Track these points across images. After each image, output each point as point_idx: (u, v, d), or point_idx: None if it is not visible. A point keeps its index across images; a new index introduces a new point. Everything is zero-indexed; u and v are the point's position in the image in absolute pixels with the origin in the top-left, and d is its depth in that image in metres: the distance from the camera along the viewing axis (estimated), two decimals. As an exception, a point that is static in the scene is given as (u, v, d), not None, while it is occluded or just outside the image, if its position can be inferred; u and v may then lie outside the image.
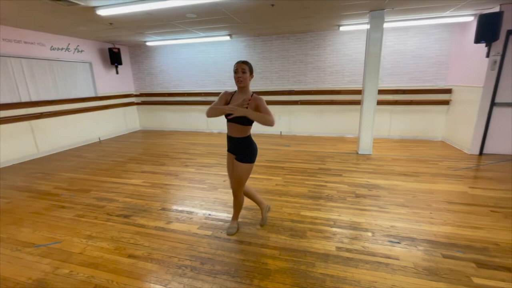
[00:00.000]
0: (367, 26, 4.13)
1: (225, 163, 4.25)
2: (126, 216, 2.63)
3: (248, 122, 1.99)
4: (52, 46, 5.07)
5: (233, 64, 1.99)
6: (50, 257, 2.03)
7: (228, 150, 2.21)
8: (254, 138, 2.14)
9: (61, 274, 1.84)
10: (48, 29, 4.73)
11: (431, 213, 2.54)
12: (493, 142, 4.28)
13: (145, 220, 2.55)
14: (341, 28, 5.01)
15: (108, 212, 2.74)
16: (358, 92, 5.05)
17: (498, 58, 3.91)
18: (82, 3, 3.26)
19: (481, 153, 4.33)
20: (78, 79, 5.69)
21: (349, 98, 5.64)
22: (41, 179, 3.73)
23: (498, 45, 3.86)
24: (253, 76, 2.04)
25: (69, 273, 1.85)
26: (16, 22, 4.13)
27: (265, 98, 2.07)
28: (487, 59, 3.96)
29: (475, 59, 4.24)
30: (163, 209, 2.77)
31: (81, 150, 5.36)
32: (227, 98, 2.08)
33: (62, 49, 5.27)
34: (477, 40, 3.89)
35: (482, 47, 4.00)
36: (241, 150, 2.08)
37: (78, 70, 5.68)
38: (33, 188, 3.42)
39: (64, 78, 5.38)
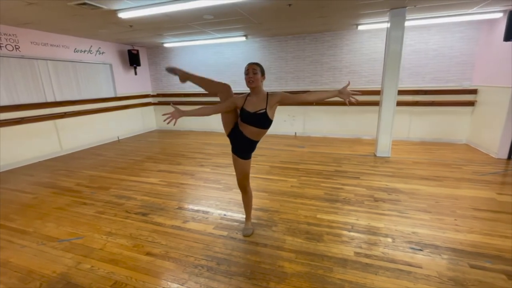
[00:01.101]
0: (387, 25, 4.01)
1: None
2: (144, 214, 2.69)
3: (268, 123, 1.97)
4: (75, 49, 5.29)
5: (245, 67, 1.96)
6: (72, 252, 2.11)
7: (238, 153, 2.13)
8: (269, 139, 2.13)
9: (83, 269, 1.90)
10: (72, 32, 4.93)
11: (456, 219, 2.42)
12: (523, 145, 4.03)
13: (162, 219, 2.59)
14: (360, 27, 4.89)
15: (126, 209, 2.81)
16: (376, 92, 4.90)
17: (530, 57, 3.67)
18: (105, 7, 3.37)
19: (509, 157, 4.09)
20: (99, 80, 5.90)
21: (366, 98, 5.49)
22: (64, 176, 3.89)
23: (530, 43, 3.63)
24: (264, 77, 1.99)
25: (91, 268, 1.91)
26: (43, 26, 4.33)
27: None
28: (517, 57, 3.74)
29: (504, 58, 4.00)
30: (180, 208, 2.81)
31: (101, 148, 5.54)
32: (239, 102, 1.99)
33: (84, 51, 5.49)
34: (507, 38, 3.67)
35: (512, 45, 3.78)
36: (252, 149, 2.12)
37: (99, 71, 5.89)
38: (57, 185, 3.57)
39: (86, 79, 5.59)
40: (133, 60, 6.41)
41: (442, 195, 2.91)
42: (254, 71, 1.89)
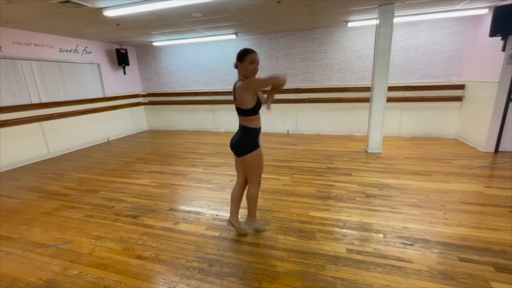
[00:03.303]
0: (376, 22, 4.03)
1: (232, 163, 4.24)
2: (134, 217, 2.64)
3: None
4: (61, 48, 5.14)
5: (246, 54, 1.84)
6: (60, 258, 2.05)
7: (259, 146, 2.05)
8: (261, 137, 2.10)
9: (70, 275, 1.85)
10: (57, 31, 4.79)
11: (445, 213, 2.46)
12: (509, 139, 4.12)
13: (153, 221, 2.54)
14: (349, 24, 4.91)
15: (116, 212, 2.75)
16: (367, 89, 4.94)
17: (515, 52, 3.74)
18: (89, 5, 3.28)
19: (496, 150, 4.18)
20: (86, 80, 5.76)
21: (357, 95, 5.53)
22: (51, 179, 3.79)
23: (515, 38, 3.70)
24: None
25: (78, 274, 1.86)
26: (26, 25, 4.19)
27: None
28: (503, 53, 3.80)
29: (490, 53, 4.08)
30: (171, 209, 2.77)
31: (90, 150, 5.43)
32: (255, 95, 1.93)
33: (70, 50, 5.34)
34: (493, 34, 3.73)
35: (497, 40, 3.84)
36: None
37: (86, 71, 5.75)
38: (44, 188, 3.47)
39: (73, 79, 5.45)
40: (121, 59, 6.28)
41: (432, 190, 2.95)
42: (258, 62, 1.89)
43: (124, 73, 6.68)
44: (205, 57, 6.49)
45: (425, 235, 2.14)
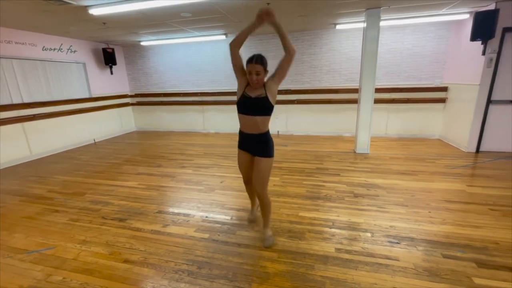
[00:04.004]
0: (364, 25, 4.11)
1: (222, 164, 4.21)
2: (121, 220, 2.58)
3: (269, 109, 1.82)
4: (44, 47, 4.98)
5: (247, 64, 1.78)
6: (42, 264, 1.98)
7: (244, 148, 2.00)
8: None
9: (53, 282, 1.79)
10: (40, 29, 4.63)
11: (430, 212, 2.53)
12: (489, 139, 4.29)
13: (141, 224, 2.50)
14: (338, 27, 4.98)
15: (103, 215, 2.68)
16: (355, 90, 5.03)
17: (494, 56, 3.91)
18: (74, 3, 3.19)
19: (478, 151, 4.34)
20: (71, 80, 5.59)
21: (346, 97, 5.62)
22: (34, 183, 3.66)
23: (494, 43, 3.86)
24: (267, 71, 1.82)
25: (62, 280, 1.80)
26: (6, 22, 4.03)
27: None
28: (483, 56, 3.96)
29: (472, 57, 4.24)
30: (159, 211, 2.72)
31: (76, 152, 5.27)
32: (244, 83, 1.85)
33: (54, 49, 5.18)
34: (473, 38, 3.89)
35: (478, 44, 4.00)
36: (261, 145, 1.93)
37: (71, 70, 5.59)
38: (26, 192, 3.34)
39: (57, 79, 5.29)
40: (108, 59, 6.14)
41: (417, 189, 3.04)
42: (257, 73, 1.74)
43: (111, 73, 6.53)
44: (195, 57, 6.43)
45: (411, 233, 2.20)
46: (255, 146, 1.94)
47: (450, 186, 3.10)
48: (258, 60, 1.75)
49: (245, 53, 1.74)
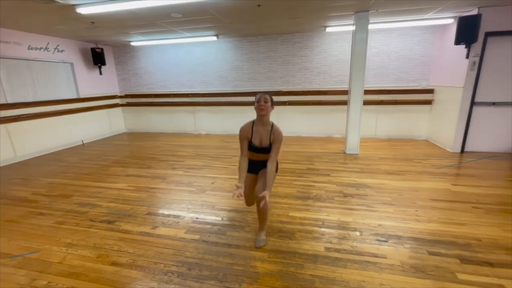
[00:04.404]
0: (353, 28, 4.19)
1: (214, 165, 4.20)
2: (109, 222, 2.53)
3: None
4: (29, 46, 4.85)
5: (256, 95, 2.02)
6: (26, 268, 1.92)
7: (252, 172, 2.20)
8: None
9: (38, 286, 1.74)
10: (25, 28, 4.52)
11: (416, 210, 2.59)
12: (473, 140, 4.44)
13: (129, 226, 2.46)
14: (327, 29, 5.06)
15: (90, 218, 2.63)
16: (345, 92, 5.11)
17: (477, 59, 4.05)
18: (61, 1, 3.13)
19: (462, 151, 4.48)
20: (58, 80, 5.47)
21: (336, 98, 5.70)
22: (18, 185, 3.55)
23: (477, 47, 4.00)
24: (273, 107, 2.06)
25: (47, 285, 1.75)
26: (-10, 20, 3.92)
27: (253, 99, 2.04)
28: (467, 60, 4.10)
29: (456, 60, 4.38)
30: (149, 213, 2.69)
31: (63, 153, 5.15)
32: (248, 135, 2.07)
33: (40, 48, 5.05)
34: (457, 42, 4.02)
35: (462, 48, 4.14)
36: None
37: (58, 70, 5.46)
38: (9, 195, 3.24)
39: (43, 79, 5.16)
40: (97, 59, 6.03)
41: (405, 188, 3.11)
42: (265, 100, 1.97)
43: (100, 73, 6.42)
44: (186, 58, 6.40)
45: (398, 231, 2.25)
46: (262, 165, 2.15)
47: (436, 185, 3.19)
48: (266, 92, 2.05)
49: (236, 54, 1.76)
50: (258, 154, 2.12)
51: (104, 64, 6.21)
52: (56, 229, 2.44)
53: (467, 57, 4.08)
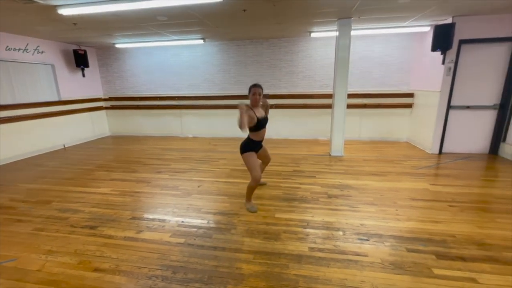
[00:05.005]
0: (336, 33, 4.32)
1: (200, 168, 4.22)
2: (92, 227, 2.48)
3: None
4: (7, 46, 4.68)
5: (251, 88, 2.54)
6: (2, 277, 1.85)
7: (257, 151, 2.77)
8: (231, 142, 2.13)
9: (15, 295, 1.68)
10: (3, 28, 4.36)
11: (396, 210, 2.69)
12: (450, 142, 4.66)
13: (113, 231, 2.41)
14: (312, 35, 5.19)
15: (71, 224, 2.56)
16: (330, 96, 5.23)
17: (452, 65, 4.27)
18: (41, 1, 3.05)
19: (440, 152, 4.69)
20: (38, 82, 5.29)
21: (321, 102, 5.83)
22: (-6, 191, 3.40)
23: (452, 53, 4.22)
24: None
25: (25, 293, 1.69)
26: (-36, 19, 3.76)
27: (239, 102, 2.38)
28: (443, 66, 4.32)
29: (433, 66, 4.60)
30: (133, 218, 2.65)
31: (43, 158, 4.97)
32: (253, 115, 2.54)
33: (19, 49, 4.88)
34: (434, 49, 4.23)
35: (438, 54, 4.35)
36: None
37: (38, 72, 5.29)
38: (-16, 202, 3.10)
39: (22, 81, 4.98)
40: (80, 61, 5.89)
41: (386, 189, 3.22)
42: (259, 93, 2.52)
43: (83, 75, 6.26)
44: (172, 60, 6.36)
45: (379, 230, 2.33)
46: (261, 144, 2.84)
47: (415, 185, 3.32)
48: (260, 86, 2.56)
49: (223, 57, 1.79)
50: (263, 130, 2.68)
51: (87, 66, 6.06)
52: (35, 236, 2.35)
53: (443, 63, 4.30)
